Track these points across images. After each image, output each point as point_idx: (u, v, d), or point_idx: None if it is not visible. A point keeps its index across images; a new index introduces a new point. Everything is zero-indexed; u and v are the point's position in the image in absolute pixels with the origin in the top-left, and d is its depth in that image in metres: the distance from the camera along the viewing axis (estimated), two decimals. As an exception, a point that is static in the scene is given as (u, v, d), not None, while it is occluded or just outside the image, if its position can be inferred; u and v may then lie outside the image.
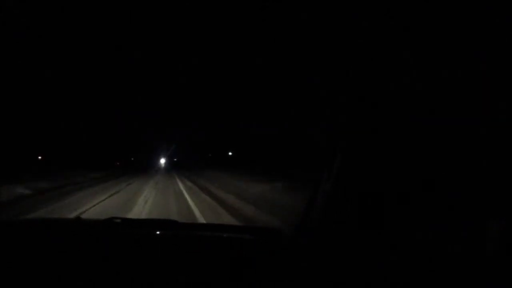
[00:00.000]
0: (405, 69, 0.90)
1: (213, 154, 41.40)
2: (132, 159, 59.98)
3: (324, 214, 1.02)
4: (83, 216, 4.83)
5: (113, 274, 0.93)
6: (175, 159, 61.69)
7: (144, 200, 7.20)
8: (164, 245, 1.23)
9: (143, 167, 36.98)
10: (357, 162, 0.95)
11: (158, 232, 1.34)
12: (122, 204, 6.66)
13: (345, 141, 1.00)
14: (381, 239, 0.89)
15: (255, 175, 10.60)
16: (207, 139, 39.67)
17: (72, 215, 5.19)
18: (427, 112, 0.84)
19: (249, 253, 1.14)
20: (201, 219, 4.96)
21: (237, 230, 1.47)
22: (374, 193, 0.91)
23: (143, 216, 5.17)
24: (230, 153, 34.60)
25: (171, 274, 0.95)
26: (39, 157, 30.31)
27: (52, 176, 13.03)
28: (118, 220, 1.36)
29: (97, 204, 6.68)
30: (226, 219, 4.93)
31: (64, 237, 1.23)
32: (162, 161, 64.05)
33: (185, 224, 1.48)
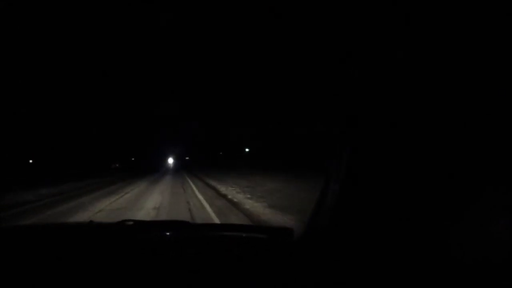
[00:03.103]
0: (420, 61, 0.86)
1: (225, 152, 40.47)
2: (133, 159, 57.24)
3: (333, 215, 1.00)
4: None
5: (127, 277, 0.93)
6: (187, 158, 59.30)
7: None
8: (176, 246, 1.23)
9: (142, 171, 30.69)
10: (368, 159, 0.92)
11: (170, 234, 1.35)
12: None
13: (354, 136, 0.96)
14: (391, 241, 0.87)
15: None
16: (220, 136, 39.13)
17: None
18: (440, 107, 0.81)
19: (262, 252, 1.14)
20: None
21: (248, 230, 1.47)
22: (385, 193, 0.88)
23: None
24: (247, 150, 33.64)
25: (185, 275, 0.95)
26: (30, 161, 28.89)
27: None
28: (130, 222, 1.37)
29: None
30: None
31: (77, 241, 1.24)
32: (170, 161, 61.43)
33: (196, 225, 1.49)
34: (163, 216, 5.86)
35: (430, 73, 0.83)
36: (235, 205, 7.07)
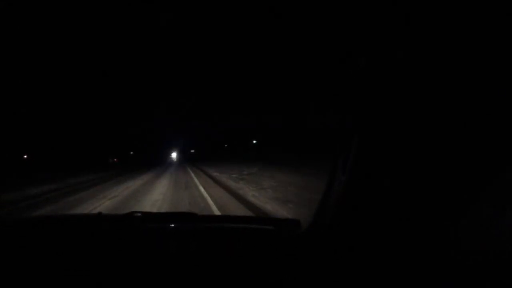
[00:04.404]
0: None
1: (232, 144, 40.03)
2: (132, 153, 55.52)
3: (339, 208, 0.99)
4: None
5: (135, 267, 0.96)
6: (192, 151, 57.93)
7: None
8: (184, 237, 1.25)
9: (138, 168, 24.36)
10: (378, 148, 0.89)
11: (178, 225, 1.37)
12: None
13: (363, 122, 0.93)
14: (395, 237, 0.86)
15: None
16: (224, 130, 39.06)
17: None
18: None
19: (269, 243, 1.16)
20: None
21: (256, 221, 1.49)
22: (396, 185, 0.86)
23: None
24: (254, 142, 33.60)
25: (192, 265, 0.97)
26: (25, 156, 28.29)
27: None
28: (139, 214, 1.39)
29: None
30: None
31: (87, 232, 1.26)
32: (174, 155, 60.30)
33: (204, 217, 1.49)
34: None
35: (430, 73, 0.83)
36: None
